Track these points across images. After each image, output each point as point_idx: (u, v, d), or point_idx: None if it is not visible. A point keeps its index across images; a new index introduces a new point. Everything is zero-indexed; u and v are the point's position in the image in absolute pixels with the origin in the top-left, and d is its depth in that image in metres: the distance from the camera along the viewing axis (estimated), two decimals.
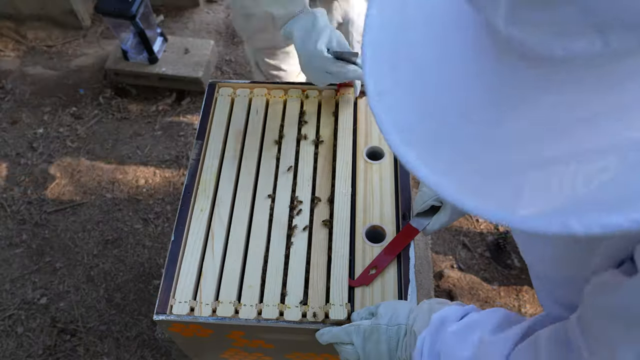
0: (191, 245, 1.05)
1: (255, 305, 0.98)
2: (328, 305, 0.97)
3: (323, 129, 1.21)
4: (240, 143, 1.20)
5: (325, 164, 1.16)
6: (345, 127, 1.20)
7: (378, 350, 0.85)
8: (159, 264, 2.04)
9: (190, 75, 2.43)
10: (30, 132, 2.42)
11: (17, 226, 2.14)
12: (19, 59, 2.69)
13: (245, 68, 2.64)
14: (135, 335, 1.90)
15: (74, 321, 1.93)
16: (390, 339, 0.83)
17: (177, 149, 2.35)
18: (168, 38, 2.52)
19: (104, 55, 2.67)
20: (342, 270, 1.01)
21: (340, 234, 1.06)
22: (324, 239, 1.06)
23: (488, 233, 2.10)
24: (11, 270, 2.04)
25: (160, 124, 2.44)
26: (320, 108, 1.25)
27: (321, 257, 1.04)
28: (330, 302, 0.98)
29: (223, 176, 1.15)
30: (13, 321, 1.93)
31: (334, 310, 0.96)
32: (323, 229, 1.07)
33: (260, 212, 1.10)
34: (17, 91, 2.56)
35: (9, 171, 2.30)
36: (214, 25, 2.81)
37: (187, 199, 1.11)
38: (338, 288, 0.99)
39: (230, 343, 1.08)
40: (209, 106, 1.25)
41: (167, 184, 2.25)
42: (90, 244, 2.10)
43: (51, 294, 1.98)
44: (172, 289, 1.00)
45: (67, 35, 2.77)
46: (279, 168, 1.16)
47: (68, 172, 2.29)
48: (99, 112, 2.48)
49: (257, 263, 1.04)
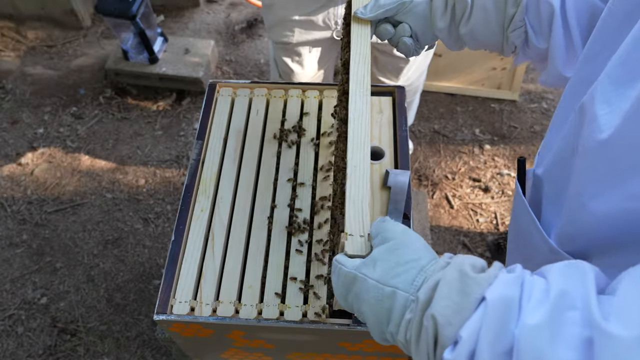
0: (191, 245, 1.05)
1: (256, 305, 0.98)
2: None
3: (323, 128, 1.22)
4: (241, 143, 1.20)
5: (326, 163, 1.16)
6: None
7: (360, 310, 0.61)
8: (159, 264, 2.04)
9: (190, 75, 2.43)
10: (30, 132, 2.42)
11: (17, 226, 2.14)
12: (19, 59, 2.69)
13: (245, 68, 2.64)
14: (136, 335, 1.90)
15: (74, 321, 1.93)
16: (379, 305, 0.57)
17: (177, 149, 2.35)
18: (168, 38, 2.52)
19: (104, 55, 2.67)
20: None
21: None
22: (324, 238, 1.06)
23: (488, 233, 2.11)
24: (11, 270, 2.04)
25: (160, 124, 2.44)
26: (321, 108, 1.25)
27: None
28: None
29: (223, 176, 1.15)
30: (13, 321, 1.93)
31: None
32: (324, 229, 1.07)
33: (260, 212, 1.10)
34: (17, 91, 2.57)
35: (9, 171, 2.30)
36: (214, 25, 2.81)
37: (187, 199, 1.11)
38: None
39: (230, 343, 1.08)
40: (209, 106, 1.25)
41: (167, 184, 2.26)
42: (91, 244, 2.10)
43: (51, 294, 1.99)
44: (172, 288, 1.00)
45: (67, 35, 2.78)
46: (279, 168, 1.16)
47: (68, 172, 2.29)
48: (99, 112, 2.48)
49: (257, 263, 1.04)
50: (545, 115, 2.45)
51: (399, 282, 0.56)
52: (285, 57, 1.61)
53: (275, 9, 1.48)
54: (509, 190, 2.22)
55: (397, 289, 0.56)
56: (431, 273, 0.56)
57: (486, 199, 2.20)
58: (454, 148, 2.35)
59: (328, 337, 1.00)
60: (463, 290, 0.51)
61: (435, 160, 2.31)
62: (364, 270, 0.59)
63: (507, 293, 0.50)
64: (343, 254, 0.64)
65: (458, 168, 2.29)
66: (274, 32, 1.54)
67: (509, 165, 2.29)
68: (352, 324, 0.95)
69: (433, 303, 0.52)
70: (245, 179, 1.15)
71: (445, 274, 0.53)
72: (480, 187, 2.23)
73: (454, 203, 2.19)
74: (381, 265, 0.58)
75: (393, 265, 0.58)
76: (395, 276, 0.57)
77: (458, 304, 0.51)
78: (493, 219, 2.14)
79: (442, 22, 0.84)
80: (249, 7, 2.87)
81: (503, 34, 0.82)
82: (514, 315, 0.49)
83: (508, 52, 0.86)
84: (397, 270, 0.57)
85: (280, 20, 1.49)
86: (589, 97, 0.59)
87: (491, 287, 0.51)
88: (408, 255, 0.58)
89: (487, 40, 0.84)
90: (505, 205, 2.18)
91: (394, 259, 0.58)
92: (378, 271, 0.58)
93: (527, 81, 2.56)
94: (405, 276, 0.56)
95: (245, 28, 2.79)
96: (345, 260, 0.62)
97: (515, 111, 2.46)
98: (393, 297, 0.56)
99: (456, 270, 0.53)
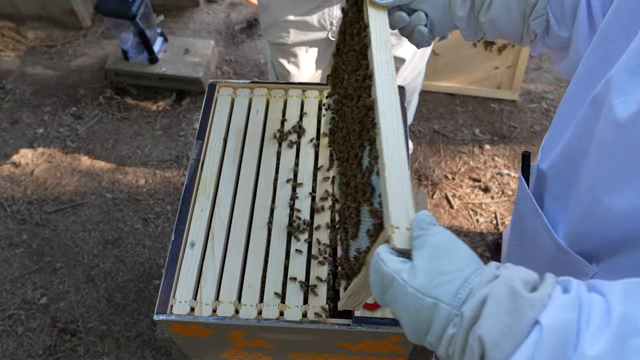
0: (191, 245, 1.05)
1: (256, 305, 0.98)
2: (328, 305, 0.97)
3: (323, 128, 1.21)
4: (240, 143, 1.20)
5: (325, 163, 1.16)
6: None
7: (396, 313, 0.57)
8: (159, 264, 2.04)
9: (190, 75, 2.43)
10: (30, 132, 2.42)
11: (17, 226, 2.14)
12: (19, 59, 2.69)
13: (245, 68, 2.64)
14: (136, 335, 1.90)
15: (74, 321, 1.93)
16: (418, 315, 0.53)
17: (177, 149, 2.35)
18: (168, 38, 2.52)
19: (104, 55, 2.67)
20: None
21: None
22: (324, 238, 1.06)
23: (488, 233, 2.11)
24: (11, 270, 2.04)
25: (160, 124, 2.44)
26: (321, 108, 1.25)
27: (322, 257, 1.04)
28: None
29: (223, 176, 1.15)
30: (13, 321, 1.93)
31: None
32: (324, 229, 1.07)
33: (261, 212, 1.10)
34: (17, 91, 2.56)
35: (9, 171, 2.30)
36: (214, 25, 2.81)
37: (187, 199, 1.11)
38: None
39: (230, 343, 1.08)
40: (209, 106, 1.25)
41: (167, 184, 2.26)
42: (91, 244, 2.10)
43: (51, 294, 1.99)
44: (172, 288, 1.00)
45: (67, 35, 2.78)
46: (279, 168, 1.16)
47: (68, 172, 2.29)
48: (99, 112, 2.48)
49: (257, 263, 1.04)
50: (545, 115, 2.45)
51: (441, 294, 0.52)
52: (281, 59, 1.62)
53: (271, 9, 1.48)
54: (509, 190, 2.22)
55: (440, 301, 0.51)
56: (476, 285, 0.51)
57: (486, 199, 2.20)
58: (453, 148, 2.35)
59: (328, 337, 1.00)
60: (514, 311, 0.47)
61: (435, 160, 2.31)
62: (403, 276, 0.54)
63: (565, 318, 0.45)
64: (387, 247, 0.58)
65: (458, 168, 2.29)
66: (269, 33, 1.55)
67: (509, 165, 2.29)
68: (352, 324, 0.95)
69: (480, 322, 0.48)
70: (245, 179, 1.15)
71: (494, 290, 0.49)
72: (480, 187, 2.23)
73: (454, 203, 2.19)
74: (423, 272, 0.53)
75: (436, 273, 0.53)
76: (438, 286, 0.52)
77: (508, 326, 0.46)
78: (493, 219, 2.14)
79: (462, 11, 0.82)
80: (249, 7, 2.87)
81: (524, 23, 0.80)
82: (571, 343, 0.45)
83: (527, 42, 0.84)
84: (440, 279, 0.52)
85: (276, 21, 1.50)
86: (604, 88, 0.58)
87: (546, 311, 0.46)
88: (452, 263, 0.53)
89: (507, 29, 0.82)
90: (505, 205, 2.18)
91: (437, 267, 0.53)
92: (419, 279, 0.53)
93: (527, 81, 2.56)
94: (448, 287, 0.52)
95: (245, 28, 2.79)
96: (387, 257, 0.57)
97: (515, 111, 2.46)
98: (434, 309, 0.52)
99: (506, 286, 0.48)
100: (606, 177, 0.57)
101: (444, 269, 0.53)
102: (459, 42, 2.29)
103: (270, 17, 1.51)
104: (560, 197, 0.74)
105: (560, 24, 0.78)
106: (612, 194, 0.57)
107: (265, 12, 1.51)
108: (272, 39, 1.56)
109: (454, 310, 0.51)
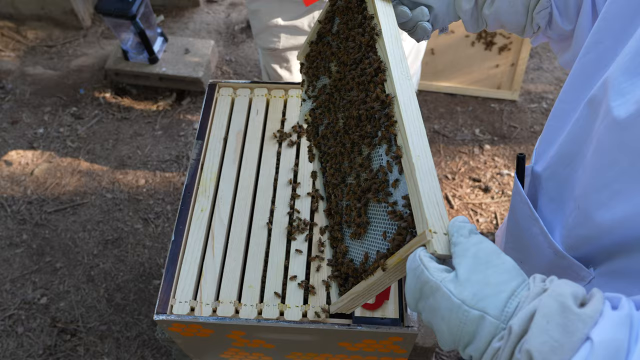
0: (191, 245, 1.05)
1: (256, 305, 0.98)
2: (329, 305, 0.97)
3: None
4: (241, 143, 1.20)
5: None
6: None
7: (432, 322, 0.56)
8: (159, 264, 2.04)
9: (190, 75, 2.43)
10: (30, 132, 2.42)
11: (17, 226, 2.14)
12: (19, 59, 2.69)
13: (245, 68, 2.64)
14: (136, 335, 1.90)
15: (74, 321, 1.93)
16: (461, 327, 0.52)
17: (177, 149, 2.35)
18: (168, 38, 2.52)
19: (104, 55, 2.67)
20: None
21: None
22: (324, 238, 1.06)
23: (488, 233, 2.11)
24: (11, 270, 2.04)
25: (160, 124, 2.44)
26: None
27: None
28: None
29: (223, 176, 1.15)
30: (13, 321, 1.93)
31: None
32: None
33: (261, 212, 1.10)
34: (17, 91, 2.57)
35: (9, 171, 2.30)
36: (214, 25, 2.81)
37: (187, 199, 1.11)
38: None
39: (230, 343, 1.08)
40: (209, 106, 1.25)
41: (167, 184, 2.26)
42: (91, 244, 2.10)
43: (51, 294, 1.99)
44: (172, 289, 1.00)
45: (67, 35, 2.78)
46: (279, 168, 1.16)
47: (68, 172, 2.29)
48: (99, 112, 2.48)
49: (257, 263, 1.04)
50: (545, 115, 2.45)
51: (488, 306, 0.51)
52: (274, 64, 1.62)
53: (261, 15, 1.48)
54: (509, 191, 2.22)
55: (487, 314, 0.50)
56: (524, 299, 0.50)
57: (486, 199, 2.20)
58: (454, 148, 2.35)
59: (328, 337, 1.00)
60: (565, 327, 0.46)
61: (435, 160, 2.31)
62: (449, 286, 0.52)
63: (616, 336, 0.45)
64: (428, 253, 0.57)
65: (458, 168, 2.29)
66: (260, 38, 1.55)
67: (509, 165, 2.29)
68: (352, 324, 0.95)
69: (529, 336, 0.47)
70: (245, 179, 1.15)
71: (543, 304, 0.48)
72: (480, 187, 2.23)
73: (454, 203, 2.19)
74: (468, 284, 0.52)
75: (482, 285, 0.51)
76: (484, 298, 0.51)
77: (558, 341, 0.46)
78: (493, 219, 2.14)
79: (468, 4, 0.82)
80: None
81: (528, 15, 0.81)
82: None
83: (529, 33, 0.84)
84: (486, 291, 0.51)
85: (266, 27, 1.49)
86: (601, 89, 0.58)
87: (598, 327, 0.46)
88: (497, 275, 0.52)
89: (511, 21, 0.82)
90: (505, 205, 2.18)
91: (482, 279, 0.52)
92: (466, 291, 0.52)
93: (527, 81, 2.56)
94: (494, 300, 0.51)
95: (245, 28, 2.79)
96: (431, 264, 0.56)
97: (515, 111, 2.46)
98: (480, 322, 0.51)
99: (556, 301, 0.47)
100: (608, 179, 0.57)
101: (490, 280, 0.52)
102: (458, 42, 2.29)
103: (260, 22, 1.50)
104: (556, 200, 0.73)
105: (564, 17, 0.78)
106: (613, 197, 0.57)
107: (255, 17, 1.51)
108: (264, 44, 1.56)
109: (502, 324, 0.50)
